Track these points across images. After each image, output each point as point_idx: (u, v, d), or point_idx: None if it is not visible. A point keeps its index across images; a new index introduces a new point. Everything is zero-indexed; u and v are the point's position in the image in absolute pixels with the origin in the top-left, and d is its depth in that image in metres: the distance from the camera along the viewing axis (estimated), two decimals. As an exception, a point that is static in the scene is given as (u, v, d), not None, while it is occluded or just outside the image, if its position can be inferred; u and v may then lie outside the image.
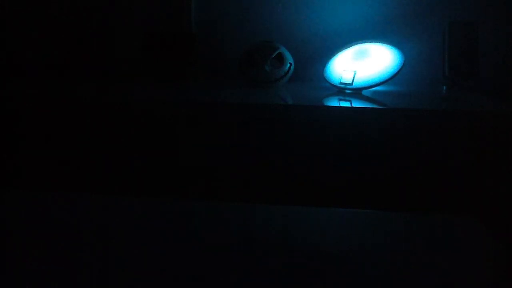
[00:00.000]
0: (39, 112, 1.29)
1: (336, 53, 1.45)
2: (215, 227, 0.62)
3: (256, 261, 0.53)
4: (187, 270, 0.51)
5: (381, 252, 0.55)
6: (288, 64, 1.44)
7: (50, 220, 0.63)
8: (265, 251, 0.55)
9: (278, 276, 0.50)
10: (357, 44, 1.42)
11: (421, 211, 1.17)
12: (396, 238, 0.59)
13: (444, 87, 1.48)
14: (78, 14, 1.75)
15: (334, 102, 1.25)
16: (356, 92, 1.35)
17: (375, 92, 1.38)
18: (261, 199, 1.22)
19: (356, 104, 1.22)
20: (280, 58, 1.43)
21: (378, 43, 1.39)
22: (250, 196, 1.22)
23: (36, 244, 0.57)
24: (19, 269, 0.51)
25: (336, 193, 1.19)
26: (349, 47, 1.43)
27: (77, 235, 0.59)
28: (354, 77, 1.33)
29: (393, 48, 1.36)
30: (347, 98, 1.30)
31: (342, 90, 1.38)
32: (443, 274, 0.50)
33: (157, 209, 0.66)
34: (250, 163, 1.22)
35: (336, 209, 0.67)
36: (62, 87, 1.46)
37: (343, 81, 1.35)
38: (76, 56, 1.76)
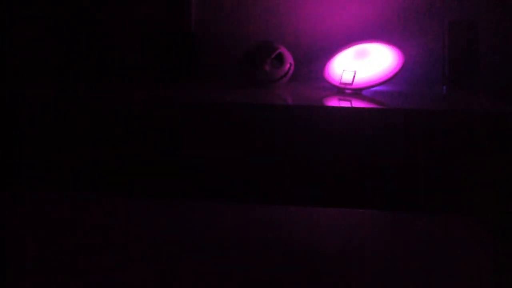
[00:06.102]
0: (39, 112, 1.29)
1: (336, 53, 1.45)
2: (215, 227, 0.61)
3: (256, 261, 0.53)
4: (187, 270, 0.51)
5: (381, 252, 0.55)
6: (288, 64, 1.44)
7: (50, 220, 0.63)
8: (265, 251, 0.55)
9: (278, 276, 0.50)
10: (357, 44, 1.42)
11: (421, 211, 1.17)
12: (396, 238, 0.59)
13: (444, 87, 1.48)
14: (78, 14, 1.75)
15: (334, 102, 1.25)
16: (356, 92, 1.35)
17: (375, 92, 1.38)
18: (261, 199, 1.22)
19: (356, 104, 1.22)
20: (280, 58, 1.43)
21: (378, 43, 1.39)
22: (250, 196, 1.22)
23: (36, 244, 0.57)
24: (19, 268, 0.51)
25: (336, 193, 1.19)
26: (349, 47, 1.43)
27: (77, 235, 0.59)
28: (354, 77, 1.33)
29: (393, 48, 1.36)
30: (347, 98, 1.30)
31: (342, 90, 1.38)
32: (444, 274, 0.50)
33: (157, 209, 0.66)
34: (250, 163, 1.22)
35: (336, 209, 0.67)
36: (62, 87, 1.46)
37: (343, 81, 1.35)
38: (76, 56, 1.76)
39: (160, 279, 0.50)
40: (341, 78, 1.36)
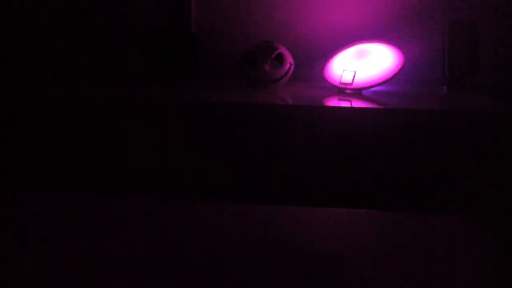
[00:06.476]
0: (39, 112, 1.29)
1: (336, 53, 1.45)
2: (215, 227, 0.62)
3: (256, 261, 0.53)
4: (186, 270, 0.51)
5: (381, 252, 0.55)
6: (288, 64, 1.44)
7: (50, 220, 0.63)
8: (265, 251, 0.55)
9: (277, 276, 0.50)
10: (357, 44, 1.42)
11: (421, 211, 1.17)
12: (396, 238, 0.59)
13: (444, 87, 1.48)
14: (78, 14, 1.75)
15: (334, 102, 1.25)
16: (356, 92, 1.35)
17: (375, 92, 1.38)
18: (261, 199, 1.22)
19: (356, 104, 1.22)
20: (280, 58, 1.43)
21: (378, 43, 1.39)
22: (250, 196, 1.22)
23: (36, 244, 0.57)
24: (19, 268, 0.51)
25: (336, 193, 1.19)
26: (349, 47, 1.43)
27: (77, 235, 0.59)
28: (354, 77, 1.33)
29: (393, 48, 1.36)
30: (347, 98, 1.30)
31: (342, 90, 1.38)
32: (444, 274, 0.50)
33: (157, 209, 0.66)
34: (250, 163, 1.22)
35: (336, 209, 0.67)
36: (62, 87, 1.46)
37: (343, 81, 1.35)
38: (75, 56, 1.76)
39: (160, 279, 0.50)
40: (341, 78, 1.36)
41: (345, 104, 1.22)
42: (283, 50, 1.45)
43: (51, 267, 0.52)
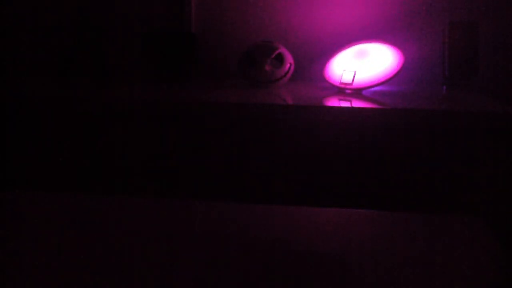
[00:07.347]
0: (39, 112, 1.29)
1: (336, 53, 1.45)
2: (215, 227, 0.62)
3: (256, 261, 0.53)
4: (186, 270, 0.51)
5: (381, 252, 0.55)
6: (288, 64, 1.44)
7: (50, 220, 0.63)
8: (265, 251, 0.55)
9: (277, 276, 0.50)
10: (357, 44, 1.42)
11: (421, 211, 1.17)
12: (396, 238, 0.59)
13: (444, 87, 1.48)
14: (78, 14, 1.75)
15: (334, 102, 1.25)
16: (356, 92, 1.35)
17: (375, 92, 1.38)
18: (261, 199, 1.22)
19: (356, 104, 1.22)
20: (280, 58, 1.43)
21: (378, 43, 1.39)
22: (250, 196, 1.22)
23: (36, 244, 0.57)
24: (19, 268, 0.51)
25: (336, 193, 1.19)
26: (349, 47, 1.43)
27: (77, 235, 0.59)
28: (354, 77, 1.33)
29: (393, 48, 1.36)
30: (347, 98, 1.30)
31: (342, 90, 1.38)
32: (444, 274, 0.50)
33: (157, 209, 0.66)
34: (250, 163, 1.22)
35: (336, 209, 0.67)
36: (62, 88, 1.46)
37: (343, 81, 1.35)
38: (75, 56, 1.76)
39: (160, 279, 0.50)
40: (341, 78, 1.36)
41: (345, 104, 1.22)
42: (283, 50, 1.45)
43: (51, 267, 0.52)
